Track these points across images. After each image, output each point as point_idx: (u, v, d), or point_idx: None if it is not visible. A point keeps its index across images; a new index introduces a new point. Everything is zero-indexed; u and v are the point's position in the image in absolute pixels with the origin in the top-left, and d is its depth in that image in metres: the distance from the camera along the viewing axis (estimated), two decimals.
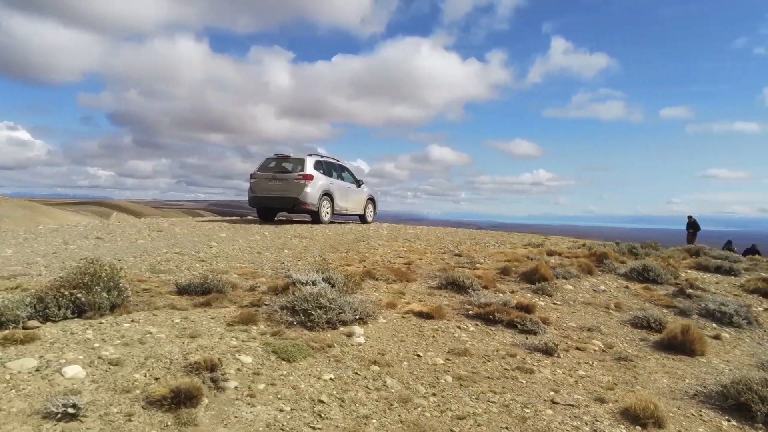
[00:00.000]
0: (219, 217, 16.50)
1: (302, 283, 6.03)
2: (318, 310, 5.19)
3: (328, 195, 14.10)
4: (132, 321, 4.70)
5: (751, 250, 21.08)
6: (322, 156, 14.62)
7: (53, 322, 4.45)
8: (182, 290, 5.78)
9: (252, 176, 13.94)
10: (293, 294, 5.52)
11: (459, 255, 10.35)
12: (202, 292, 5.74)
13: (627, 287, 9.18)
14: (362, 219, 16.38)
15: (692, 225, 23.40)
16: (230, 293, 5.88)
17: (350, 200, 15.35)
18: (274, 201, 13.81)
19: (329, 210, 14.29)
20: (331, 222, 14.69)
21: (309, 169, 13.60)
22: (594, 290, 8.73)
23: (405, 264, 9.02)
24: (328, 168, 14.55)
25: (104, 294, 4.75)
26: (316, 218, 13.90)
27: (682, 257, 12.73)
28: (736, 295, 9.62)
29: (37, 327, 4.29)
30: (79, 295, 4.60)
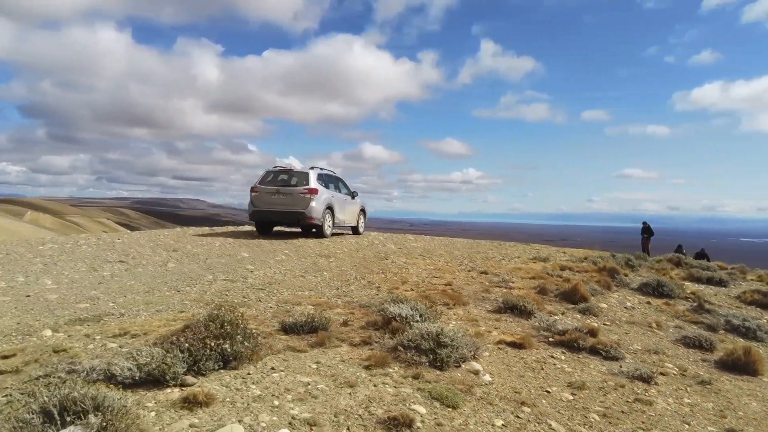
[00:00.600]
0: (208, 229, 15.85)
1: (402, 318, 6.04)
2: (444, 349, 5.24)
3: (329, 208, 13.96)
4: (272, 369, 4.56)
5: (701, 255, 22.77)
6: (322, 169, 14.47)
7: (203, 375, 4.25)
8: (288, 329, 5.64)
9: (253, 189, 13.55)
10: (409, 331, 5.53)
11: (485, 273, 10.62)
12: (309, 330, 5.63)
13: (648, 302, 9.78)
14: (354, 230, 16.32)
15: (646, 230, 24.94)
16: (332, 330, 5.81)
17: (347, 212, 15.26)
18: (278, 215, 13.49)
19: (331, 223, 14.16)
20: (333, 234, 14.57)
21: (313, 183, 13.41)
22: (624, 307, 9.25)
23: (445, 285, 9.16)
24: (327, 181, 14.41)
25: (246, 342, 4.59)
26: (319, 232, 13.71)
27: (669, 268, 13.67)
28: (737, 307, 10.48)
29: (196, 383, 4.10)
30: (225, 346, 4.43)
